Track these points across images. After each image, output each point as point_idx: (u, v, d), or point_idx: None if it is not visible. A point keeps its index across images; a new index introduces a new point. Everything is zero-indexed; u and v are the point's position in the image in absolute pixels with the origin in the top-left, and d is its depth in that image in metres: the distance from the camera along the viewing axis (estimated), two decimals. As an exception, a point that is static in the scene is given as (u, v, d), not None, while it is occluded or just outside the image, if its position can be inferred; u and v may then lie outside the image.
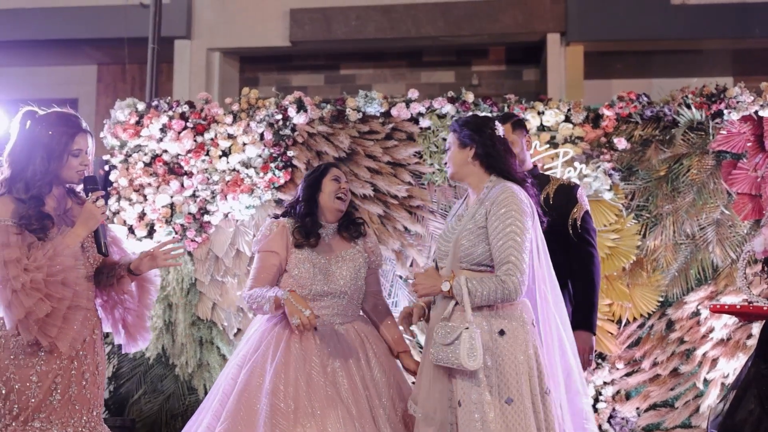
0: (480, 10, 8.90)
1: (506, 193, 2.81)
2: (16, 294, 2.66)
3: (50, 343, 2.75)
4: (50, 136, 2.85)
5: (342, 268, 3.31)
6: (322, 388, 3.08)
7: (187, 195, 5.23)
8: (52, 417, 2.81)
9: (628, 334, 4.84)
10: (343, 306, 3.30)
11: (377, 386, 3.18)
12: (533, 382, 2.74)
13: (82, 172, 2.92)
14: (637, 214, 4.87)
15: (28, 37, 9.13)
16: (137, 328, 3.20)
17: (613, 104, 4.98)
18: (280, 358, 3.11)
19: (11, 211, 2.78)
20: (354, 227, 3.43)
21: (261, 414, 3.00)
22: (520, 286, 2.72)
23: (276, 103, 5.26)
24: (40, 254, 2.73)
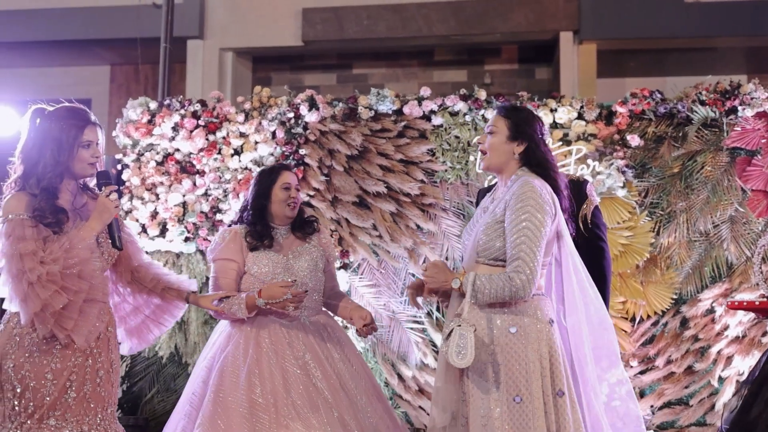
0: (492, 8, 8.88)
1: (526, 187, 2.72)
2: (32, 286, 2.66)
3: (66, 336, 2.75)
4: (60, 128, 2.87)
5: (300, 261, 3.37)
6: (298, 379, 3.12)
7: (200, 194, 5.24)
8: (67, 415, 2.82)
9: (642, 332, 4.82)
10: (308, 298, 3.33)
11: (349, 374, 3.25)
12: (545, 382, 2.67)
13: (93, 164, 2.93)
14: (650, 212, 4.84)
15: (42, 38, 9.18)
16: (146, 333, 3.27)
17: (627, 101, 4.95)
18: (252, 355, 3.16)
19: (25, 205, 2.79)
20: (307, 226, 3.50)
21: (239, 411, 3.02)
22: (528, 283, 2.65)
23: (288, 101, 5.27)
24: (56, 247, 2.74)
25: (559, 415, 2.67)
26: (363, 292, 5.06)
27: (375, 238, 5.10)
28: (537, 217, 2.68)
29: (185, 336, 5.18)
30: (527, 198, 2.70)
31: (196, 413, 3.11)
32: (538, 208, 2.69)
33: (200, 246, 5.20)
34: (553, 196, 2.79)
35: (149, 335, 3.26)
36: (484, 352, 2.71)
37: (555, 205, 2.77)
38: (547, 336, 2.72)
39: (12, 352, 2.79)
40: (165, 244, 5.20)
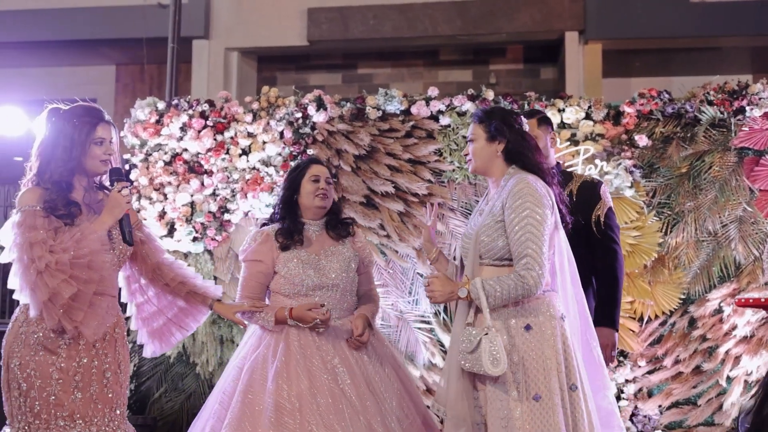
0: (497, 8, 8.88)
1: (521, 184, 2.74)
2: (41, 275, 2.68)
3: (74, 329, 2.75)
4: (73, 126, 2.91)
5: (332, 261, 3.35)
6: (324, 384, 3.11)
7: (207, 194, 5.25)
8: (75, 415, 2.81)
9: (650, 332, 4.82)
10: (337, 299, 3.33)
11: (378, 379, 3.23)
12: (561, 378, 2.69)
13: (106, 162, 2.97)
14: (658, 212, 4.84)
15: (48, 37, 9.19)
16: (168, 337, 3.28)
17: (634, 101, 4.96)
18: (280, 358, 3.15)
19: (38, 197, 2.83)
20: (342, 227, 3.46)
21: (265, 414, 3.02)
22: (539, 279, 2.67)
23: (296, 101, 5.28)
24: (67, 237, 2.76)
25: (574, 410, 2.69)
26: (370, 292, 5.07)
27: (383, 237, 5.11)
28: (537, 212, 2.69)
29: (193, 336, 5.18)
30: (525, 194, 2.71)
31: (225, 412, 3.11)
32: (536, 203, 2.70)
33: (208, 246, 5.21)
34: (548, 188, 2.81)
35: (171, 338, 3.27)
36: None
37: (551, 197, 2.79)
38: (561, 331, 2.74)
39: (18, 350, 2.80)
40: (173, 244, 5.21)
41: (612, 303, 3.48)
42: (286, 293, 3.32)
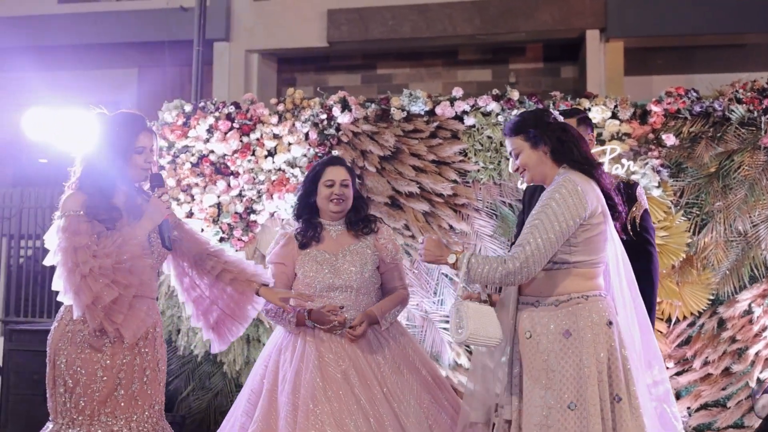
0: (517, 7, 8.86)
1: (561, 182, 2.69)
2: (85, 279, 2.74)
3: (115, 330, 2.81)
4: (116, 134, 2.99)
5: (348, 261, 3.37)
6: (338, 385, 3.15)
7: (234, 195, 5.28)
8: (117, 412, 2.89)
9: (678, 333, 4.79)
10: (353, 300, 3.35)
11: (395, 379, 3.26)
12: (602, 388, 2.61)
13: (146, 169, 3.02)
14: (686, 212, 4.81)
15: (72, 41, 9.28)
16: (226, 330, 3.33)
17: (661, 100, 4.92)
18: (297, 359, 3.22)
19: (81, 203, 2.90)
20: (363, 224, 3.47)
21: (281, 413, 3.09)
22: (521, 271, 2.60)
23: (321, 102, 5.29)
24: (109, 242, 2.83)
25: (618, 422, 2.60)
26: (396, 293, 5.07)
27: (408, 238, 5.11)
28: (556, 211, 2.63)
29: (220, 336, 5.21)
30: (555, 191, 2.67)
31: (254, 410, 3.20)
32: (561, 203, 2.64)
33: (234, 246, 5.23)
34: (592, 185, 2.73)
35: (228, 333, 3.31)
36: (539, 359, 2.69)
37: (596, 195, 2.71)
38: (605, 339, 2.66)
39: (64, 348, 2.88)
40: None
41: (648, 306, 3.44)
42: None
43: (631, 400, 2.64)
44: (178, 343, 5.26)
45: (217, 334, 3.30)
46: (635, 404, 2.64)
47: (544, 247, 2.62)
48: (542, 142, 2.81)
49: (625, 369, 2.67)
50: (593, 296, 2.72)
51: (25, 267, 7.49)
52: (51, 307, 7.28)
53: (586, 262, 2.72)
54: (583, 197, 2.67)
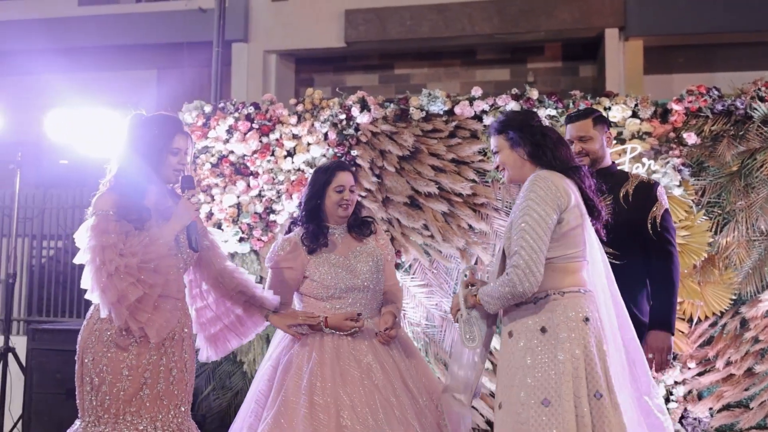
0: (535, 6, 8.84)
1: (530, 181, 2.75)
2: (111, 277, 2.77)
3: (139, 329, 2.84)
4: (153, 135, 3.02)
5: (362, 262, 3.43)
6: (358, 381, 3.18)
7: (253, 195, 5.30)
8: (142, 411, 2.91)
9: (699, 333, 4.75)
10: (368, 300, 3.42)
11: (409, 374, 3.31)
12: (578, 384, 2.61)
13: (179, 171, 3.05)
14: (708, 211, 4.77)
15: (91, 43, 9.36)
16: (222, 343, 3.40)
17: (682, 98, 4.89)
18: (314, 356, 3.24)
19: (112, 202, 2.93)
20: (365, 226, 3.55)
21: (300, 411, 3.10)
22: (525, 278, 2.62)
23: (340, 103, 5.30)
24: (136, 241, 2.86)
25: (599, 419, 2.60)
26: (415, 292, 5.07)
27: (427, 238, 5.11)
28: (536, 210, 2.67)
29: (240, 336, 5.24)
30: (529, 191, 2.72)
31: (262, 411, 3.21)
32: (538, 200, 2.68)
33: (254, 246, 5.26)
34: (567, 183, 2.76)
35: (227, 345, 3.38)
36: (518, 356, 2.71)
37: (567, 193, 2.73)
38: (581, 335, 2.66)
39: (92, 346, 2.91)
40: (220, 245, 5.26)
41: (668, 306, 3.43)
42: (319, 297, 3.40)
43: (612, 396, 2.63)
44: (198, 343, 5.28)
45: (214, 346, 3.37)
46: (615, 401, 2.63)
47: (538, 247, 2.65)
48: (520, 144, 2.87)
49: (604, 366, 2.66)
50: (570, 292, 2.73)
51: (47, 267, 7.55)
52: (73, 307, 7.34)
53: (564, 257, 2.74)
54: (559, 189, 2.72)
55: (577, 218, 2.74)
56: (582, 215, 2.77)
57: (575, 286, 2.74)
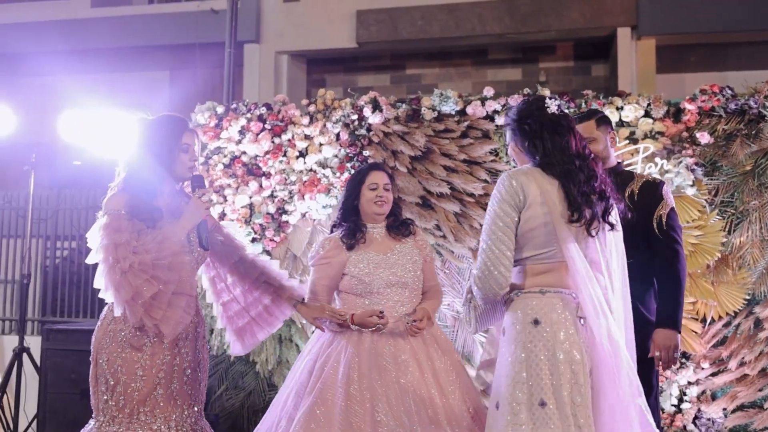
0: (546, 5, 8.83)
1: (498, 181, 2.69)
2: (125, 275, 2.80)
3: (154, 326, 2.86)
4: (162, 133, 3.06)
5: (400, 260, 3.49)
6: (393, 378, 3.22)
7: (266, 195, 5.31)
8: (156, 411, 2.93)
9: (713, 333, 4.73)
10: (407, 296, 3.47)
11: (444, 374, 3.33)
12: (519, 388, 2.54)
13: (191, 168, 3.08)
14: (721, 210, 4.75)
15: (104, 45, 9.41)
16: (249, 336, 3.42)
17: (695, 98, 4.87)
18: (352, 351, 3.29)
19: (124, 202, 2.96)
20: (403, 227, 3.62)
21: (337, 402, 3.15)
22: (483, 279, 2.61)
23: (351, 103, 5.31)
24: (149, 239, 2.89)
25: (539, 426, 2.51)
26: (427, 293, 5.07)
27: (439, 238, 5.11)
28: (496, 211, 2.65)
29: (253, 336, 5.26)
30: (494, 192, 2.69)
31: (300, 401, 3.25)
32: (498, 201, 2.66)
33: (266, 246, 5.28)
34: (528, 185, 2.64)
35: (255, 337, 3.41)
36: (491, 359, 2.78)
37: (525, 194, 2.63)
38: (527, 338, 2.59)
39: (106, 346, 2.93)
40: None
41: (674, 304, 3.42)
42: (357, 293, 3.45)
43: (560, 406, 2.51)
44: (211, 342, 5.31)
45: (242, 339, 3.39)
46: (565, 412, 2.51)
47: (496, 248, 2.61)
48: (517, 136, 2.79)
49: (555, 372, 2.54)
50: (527, 293, 2.66)
51: (61, 267, 7.60)
52: (87, 307, 7.39)
53: (532, 258, 2.67)
54: (519, 188, 2.63)
55: (538, 217, 2.64)
56: (551, 213, 2.64)
57: (536, 287, 2.66)
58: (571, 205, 2.65)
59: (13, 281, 7.66)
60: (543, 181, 2.66)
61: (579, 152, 2.74)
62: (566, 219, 2.65)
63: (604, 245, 2.74)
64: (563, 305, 2.63)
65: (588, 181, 2.70)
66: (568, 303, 2.64)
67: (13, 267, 7.65)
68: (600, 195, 2.72)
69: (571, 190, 2.66)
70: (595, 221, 2.69)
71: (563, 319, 2.60)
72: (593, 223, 2.69)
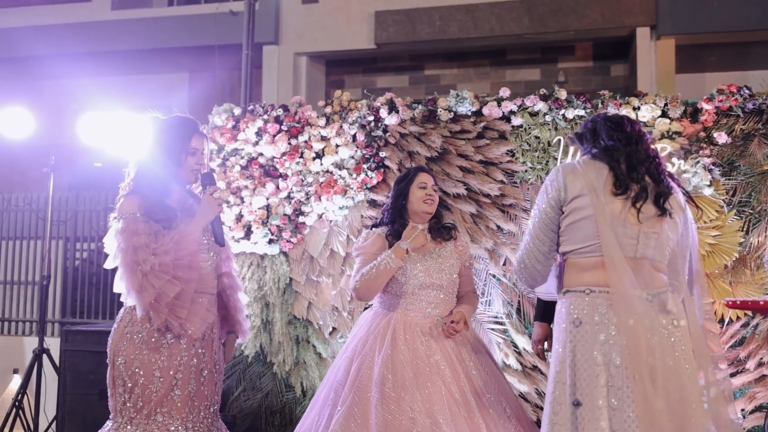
0: (565, 5, 8.80)
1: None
2: (147, 277, 2.82)
3: (180, 326, 2.88)
4: (170, 136, 3.07)
5: (438, 263, 3.55)
6: (427, 377, 3.26)
7: (283, 197, 5.34)
8: (173, 412, 2.95)
9: (731, 334, 4.69)
10: (442, 299, 3.52)
11: (477, 375, 3.37)
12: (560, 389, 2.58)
13: (197, 171, 3.10)
14: (739, 210, 4.71)
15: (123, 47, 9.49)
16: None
17: (713, 98, 4.84)
18: (386, 350, 3.33)
19: (137, 205, 2.99)
20: (445, 231, 3.70)
21: (372, 401, 3.20)
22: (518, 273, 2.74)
23: (368, 104, 5.32)
24: (167, 240, 2.91)
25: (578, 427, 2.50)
26: (444, 293, 5.07)
27: (455, 239, 5.10)
28: (537, 204, 2.73)
29: (270, 336, 5.29)
30: (542, 187, 2.78)
31: (339, 399, 3.31)
32: (541, 194, 2.73)
33: (283, 248, 5.30)
34: (574, 178, 2.66)
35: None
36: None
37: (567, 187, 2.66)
38: (569, 338, 2.60)
39: (123, 348, 2.95)
40: (250, 246, 5.32)
41: None
42: (394, 292, 3.52)
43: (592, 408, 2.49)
44: (228, 343, 5.35)
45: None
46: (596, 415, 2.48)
47: (531, 242, 2.71)
48: (578, 141, 2.90)
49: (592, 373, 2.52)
50: (572, 291, 2.67)
51: (81, 269, 7.67)
52: (106, 309, 7.46)
53: (576, 251, 2.68)
54: (562, 182, 2.67)
55: (582, 210, 2.63)
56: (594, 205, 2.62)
57: (583, 286, 2.65)
58: (615, 179, 2.66)
59: (33, 283, 7.76)
60: (591, 173, 2.68)
61: (632, 133, 2.77)
62: (611, 193, 2.64)
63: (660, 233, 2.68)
64: (608, 306, 2.59)
65: (640, 161, 2.69)
66: (616, 303, 2.59)
67: (33, 269, 7.74)
68: (654, 177, 2.70)
69: (619, 167, 2.67)
70: (641, 199, 2.65)
71: (606, 320, 2.57)
72: (639, 199, 2.65)
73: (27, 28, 9.64)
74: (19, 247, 7.86)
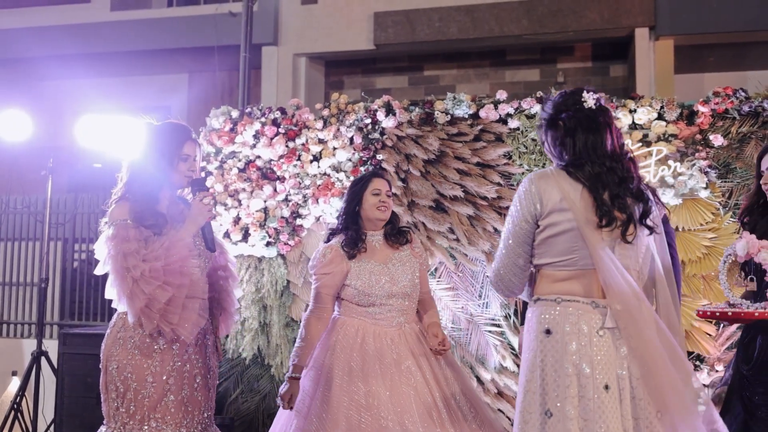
0: (564, 6, 8.79)
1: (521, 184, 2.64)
2: (137, 283, 2.83)
3: (172, 331, 2.89)
4: (163, 142, 3.09)
5: (400, 270, 3.53)
6: (397, 384, 3.26)
7: (280, 199, 5.35)
8: (167, 417, 2.96)
9: (727, 336, 4.70)
10: (406, 306, 3.51)
11: (446, 379, 3.40)
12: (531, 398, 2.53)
13: (189, 177, 3.11)
14: (735, 213, 4.71)
15: (123, 48, 9.49)
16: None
17: (708, 100, 4.84)
18: (357, 360, 3.33)
19: (128, 211, 3.01)
20: (401, 235, 3.65)
21: (342, 410, 3.20)
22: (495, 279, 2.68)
23: (365, 107, 5.32)
24: (157, 245, 2.92)
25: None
26: (441, 296, 5.08)
27: (452, 241, 5.12)
28: (512, 215, 2.62)
29: (267, 338, 5.30)
30: (515, 196, 2.65)
31: (307, 410, 3.30)
32: (515, 206, 2.61)
33: (281, 250, 5.31)
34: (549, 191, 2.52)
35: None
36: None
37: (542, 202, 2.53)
38: (539, 347, 2.54)
39: (116, 354, 2.96)
40: (247, 249, 5.33)
41: None
42: (359, 303, 3.48)
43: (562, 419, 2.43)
44: (227, 346, 5.36)
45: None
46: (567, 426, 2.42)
47: (506, 254, 2.63)
48: (544, 137, 2.74)
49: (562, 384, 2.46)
50: (542, 300, 2.59)
51: (79, 271, 7.68)
52: (105, 311, 7.47)
53: (552, 264, 2.58)
54: (536, 195, 2.54)
55: (559, 224, 2.53)
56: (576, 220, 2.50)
57: (554, 295, 2.56)
58: (599, 209, 2.50)
59: (32, 285, 7.77)
60: (566, 185, 2.53)
61: (613, 151, 2.57)
62: (594, 225, 2.50)
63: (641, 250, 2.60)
64: (579, 315, 2.51)
65: (621, 183, 2.54)
66: (587, 313, 2.51)
67: (32, 271, 7.75)
68: (637, 196, 2.57)
69: (600, 193, 2.51)
70: (631, 225, 2.54)
71: (576, 330, 2.49)
72: (629, 227, 2.53)
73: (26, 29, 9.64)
74: (18, 249, 7.88)
